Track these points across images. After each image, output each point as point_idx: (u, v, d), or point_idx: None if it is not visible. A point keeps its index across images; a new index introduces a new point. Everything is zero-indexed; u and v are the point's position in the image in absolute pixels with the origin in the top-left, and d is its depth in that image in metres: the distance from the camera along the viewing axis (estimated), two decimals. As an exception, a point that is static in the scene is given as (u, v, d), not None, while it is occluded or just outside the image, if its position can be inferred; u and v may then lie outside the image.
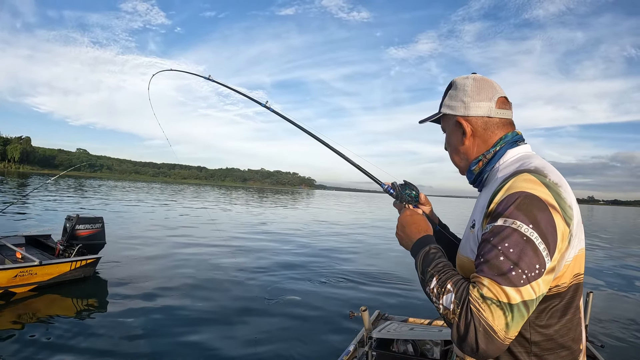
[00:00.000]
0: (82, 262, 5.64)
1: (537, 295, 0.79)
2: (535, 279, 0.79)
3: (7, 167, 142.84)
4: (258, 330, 4.46)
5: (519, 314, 0.78)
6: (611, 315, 5.88)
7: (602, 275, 9.12)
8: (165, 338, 4.14)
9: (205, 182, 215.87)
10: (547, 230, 0.81)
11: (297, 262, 8.39)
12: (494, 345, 0.77)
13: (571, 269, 0.90)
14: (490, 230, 0.84)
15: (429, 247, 0.98)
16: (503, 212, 0.83)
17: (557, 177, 0.89)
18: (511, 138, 1.01)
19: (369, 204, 51.35)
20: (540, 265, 0.79)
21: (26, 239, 6.43)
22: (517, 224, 0.81)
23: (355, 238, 13.30)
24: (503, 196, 0.86)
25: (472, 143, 1.04)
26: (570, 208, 0.86)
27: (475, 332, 0.77)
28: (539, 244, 0.79)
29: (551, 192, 0.84)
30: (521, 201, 0.82)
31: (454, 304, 0.82)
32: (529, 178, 0.86)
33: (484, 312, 0.77)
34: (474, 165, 1.05)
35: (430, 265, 0.92)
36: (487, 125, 1.02)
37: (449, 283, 0.85)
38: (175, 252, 8.66)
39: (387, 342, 2.52)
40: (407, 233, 1.07)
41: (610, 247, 15.33)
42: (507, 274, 0.78)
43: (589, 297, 2.73)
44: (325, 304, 5.55)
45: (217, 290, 5.97)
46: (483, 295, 0.78)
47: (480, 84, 1.03)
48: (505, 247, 0.80)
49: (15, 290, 4.97)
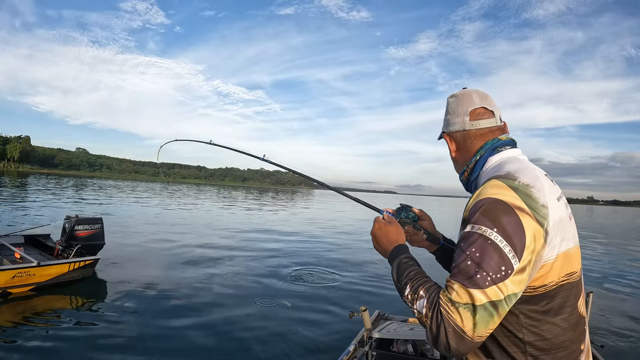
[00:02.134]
0: (80, 263, 5.63)
1: (506, 295, 0.83)
2: (502, 280, 0.83)
3: (7, 166, 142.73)
4: (258, 331, 4.45)
5: (486, 313, 0.82)
6: (611, 315, 5.88)
7: (603, 275, 9.13)
8: (164, 340, 4.14)
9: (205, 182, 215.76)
10: (513, 232, 0.84)
11: (297, 262, 8.38)
12: (465, 344, 0.82)
13: (558, 268, 0.91)
14: (461, 236, 0.91)
15: (400, 257, 1.05)
16: (471, 218, 0.90)
17: (529, 178, 0.92)
18: (491, 145, 1.07)
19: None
20: (506, 266, 0.83)
21: (25, 238, 6.43)
22: (482, 229, 0.86)
23: (356, 238, 13.30)
24: (472, 203, 0.92)
25: (459, 155, 1.14)
26: (544, 207, 0.88)
27: (445, 332, 0.83)
28: (504, 246, 0.84)
29: (519, 194, 0.88)
30: (486, 207, 0.88)
31: (426, 308, 0.88)
32: (495, 184, 0.91)
33: (453, 314, 0.83)
34: (461, 175, 1.14)
35: (404, 274, 0.99)
36: (465, 137, 1.11)
37: (421, 289, 0.92)
38: (176, 253, 8.66)
39: (387, 342, 2.51)
40: (380, 245, 1.14)
41: (611, 247, 15.34)
42: (472, 277, 0.83)
43: (589, 297, 2.72)
44: (325, 304, 5.55)
45: (217, 291, 5.96)
46: (451, 298, 0.84)
47: (459, 100, 1.11)
48: (472, 251, 0.85)
49: (13, 291, 4.95)
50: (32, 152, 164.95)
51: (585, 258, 11.91)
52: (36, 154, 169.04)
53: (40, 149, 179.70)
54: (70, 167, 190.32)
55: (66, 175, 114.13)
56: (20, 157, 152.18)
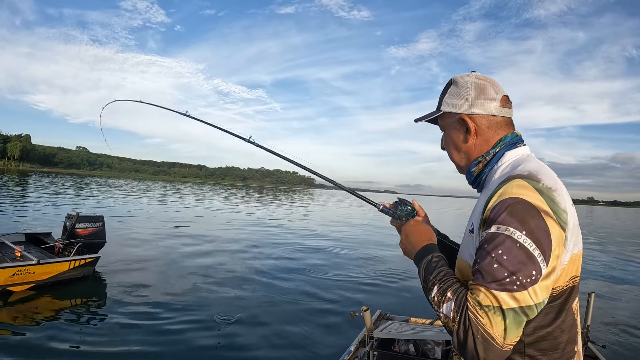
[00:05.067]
0: (81, 261, 5.62)
1: (536, 302, 0.80)
2: (532, 285, 0.79)
3: (7, 164, 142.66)
4: (260, 331, 4.45)
5: (516, 320, 0.78)
6: (613, 316, 5.87)
7: (604, 276, 9.13)
8: (165, 338, 4.13)
9: (205, 181, 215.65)
10: (540, 236, 0.81)
11: (297, 263, 8.38)
12: (494, 353, 0.78)
13: (566, 272, 0.90)
14: (485, 237, 0.85)
15: (431, 255, 0.99)
16: (496, 218, 0.84)
17: (551, 181, 0.89)
18: (510, 139, 1.01)
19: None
20: (537, 271, 0.80)
21: (26, 236, 6.41)
22: (509, 230, 0.81)
23: (357, 238, 13.29)
24: (496, 202, 0.86)
25: (475, 142, 1.03)
26: (564, 212, 0.86)
27: (474, 339, 0.78)
28: (534, 250, 0.80)
29: (544, 197, 0.84)
30: (513, 207, 0.83)
31: (453, 312, 0.83)
32: (521, 184, 0.86)
33: (482, 319, 0.78)
34: (474, 166, 1.04)
35: (432, 274, 0.94)
36: (490, 123, 1.02)
37: (449, 291, 0.86)
38: (177, 252, 8.66)
39: (389, 342, 2.51)
40: (410, 242, 1.09)
41: (612, 247, 15.33)
42: (501, 281, 0.79)
43: (590, 298, 2.71)
44: (327, 304, 5.54)
45: (218, 290, 5.96)
46: (480, 302, 0.80)
47: (484, 82, 1.02)
48: (499, 254, 0.81)
49: (13, 289, 4.94)
50: (33, 150, 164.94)
51: (587, 258, 11.92)
52: (36, 152, 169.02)
53: (40, 147, 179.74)
54: (71, 166, 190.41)
55: (66, 173, 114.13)
56: (20, 156, 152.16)
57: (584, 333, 2.49)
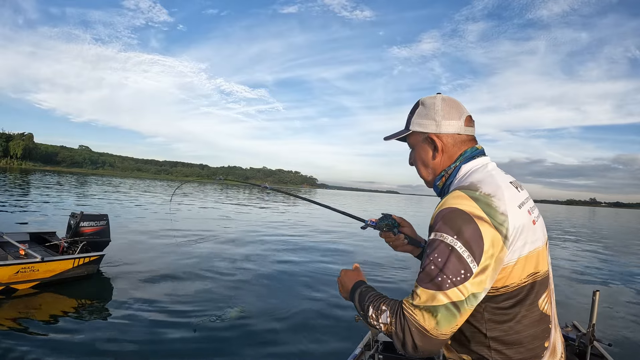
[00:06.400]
0: (85, 259, 5.63)
1: (467, 296, 0.90)
2: (462, 282, 0.90)
3: (10, 163, 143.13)
4: (264, 334, 4.45)
5: (448, 313, 0.89)
6: (619, 314, 5.86)
7: (609, 274, 9.11)
8: (169, 337, 4.14)
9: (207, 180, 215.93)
10: (471, 239, 0.91)
11: (300, 265, 8.38)
12: (430, 342, 0.90)
13: (520, 270, 0.97)
14: (427, 243, 0.98)
15: (360, 288, 1.14)
16: (434, 226, 0.97)
17: (491, 188, 0.98)
18: (470, 153, 1.11)
19: (371, 203, 51.33)
20: (466, 270, 0.90)
21: (30, 235, 6.43)
22: (443, 236, 0.93)
23: (359, 238, 13.27)
24: (436, 213, 0.99)
25: (441, 158, 1.14)
26: (503, 215, 0.94)
27: (410, 333, 0.90)
28: (463, 252, 0.90)
29: (479, 204, 0.94)
30: (447, 215, 0.95)
31: (390, 317, 0.97)
32: (458, 194, 0.98)
33: (416, 316, 0.91)
34: (439, 180, 1.15)
35: (365, 299, 1.08)
36: (455, 141, 1.12)
37: (383, 305, 1.01)
38: (182, 250, 8.67)
39: (394, 346, 2.50)
40: (345, 288, 1.24)
41: (616, 246, 15.26)
42: (434, 280, 0.91)
43: (595, 296, 2.70)
44: (331, 308, 5.52)
45: (223, 292, 5.95)
46: (413, 302, 0.93)
47: (450, 104, 1.12)
48: (434, 257, 0.93)
49: (16, 286, 4.95)
50: (35, 149, 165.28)
51: (591, 257, 11.87)
52: (39, 151, 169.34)
53: (43, 146, 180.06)
54: (73, 165, 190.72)
55: (69, 172, 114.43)
56: (23, 154, 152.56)
57: (589, 332, 2.48)
